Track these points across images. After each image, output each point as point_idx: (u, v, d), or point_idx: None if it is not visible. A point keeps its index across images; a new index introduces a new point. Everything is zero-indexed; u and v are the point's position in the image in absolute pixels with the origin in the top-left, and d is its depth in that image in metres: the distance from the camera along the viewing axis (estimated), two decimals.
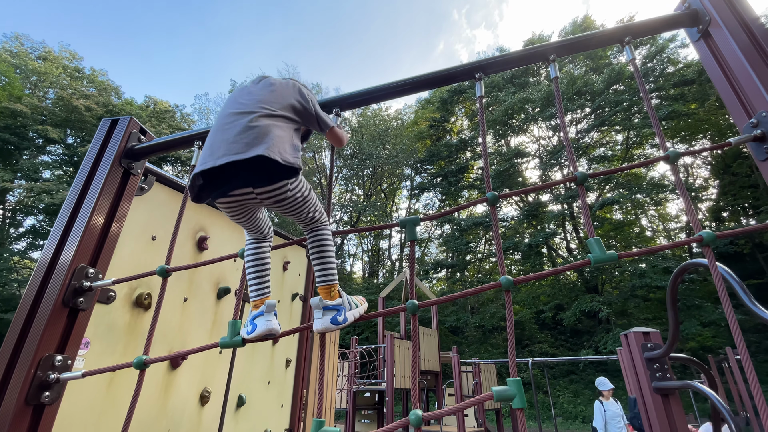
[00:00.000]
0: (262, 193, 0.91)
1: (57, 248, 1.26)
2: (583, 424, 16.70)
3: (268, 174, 0.88)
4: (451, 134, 31.27)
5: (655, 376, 1.83)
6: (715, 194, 23.03)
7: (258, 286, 1.04)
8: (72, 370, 1.17)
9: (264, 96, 1.02)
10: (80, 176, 1.36)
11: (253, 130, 0.90)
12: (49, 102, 23.96)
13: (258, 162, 0.84)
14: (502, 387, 0.90)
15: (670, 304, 1.66)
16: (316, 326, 0.95)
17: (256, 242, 1.09)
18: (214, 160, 0.85)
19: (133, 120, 1.45)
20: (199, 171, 0.87)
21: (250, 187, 0.89)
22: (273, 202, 0.94)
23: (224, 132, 0.92)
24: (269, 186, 0.89)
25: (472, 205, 1.13)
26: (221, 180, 0.89)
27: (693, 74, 20.08)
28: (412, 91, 1.33)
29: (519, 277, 0.99)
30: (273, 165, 0.86)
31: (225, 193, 0.89)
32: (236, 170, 0.86)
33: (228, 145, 0.87)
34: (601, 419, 5.74)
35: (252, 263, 1.07)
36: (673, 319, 1.66)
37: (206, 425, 1.89)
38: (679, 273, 1.54)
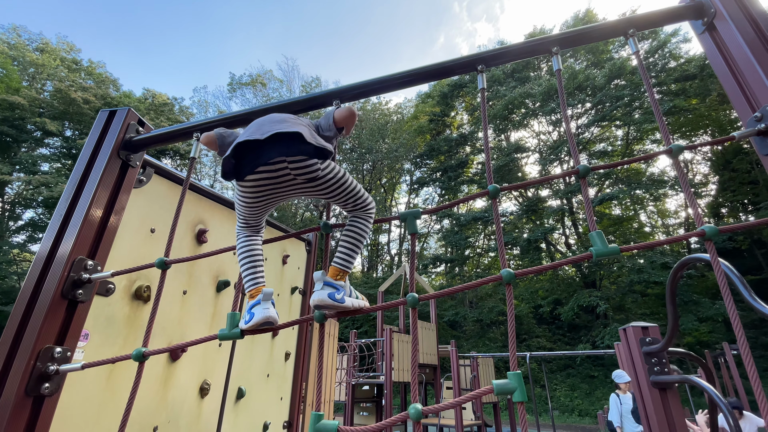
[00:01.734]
0: (296, 169, 0.96)
1: (55, 240, 1.25)
2: (579, 417, 16.88)
3: (302, 148, 0.95)
4: (451, 129, 31.17)
5: (654, 371, 1.84)
6: (715, 190, 23.06)
7: (252, 275, 1.05)
8: (71, 362, 1.17)
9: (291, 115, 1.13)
10: (78, 168, 1.35)
11: (290, 119, 1.03)
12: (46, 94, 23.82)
13: (295, 139, 0.93)
14: (503, 380, 0.90)
15: (670, 299, 1.66)
16: (313, 297, 0.95)
17: (249, 234, 1.10)
18: (261, 134, 0.93)
19: (131, 111, 1.43)
20: (243, 140, 0.93)
21: (284, 156, 0.94)
22: (306, 180, 0.98)
23: (265, 122, 1.01)
24: (302, 158, 0.96)
25: (474, 198, 1.12)
26: (257, 153, 0.95)
27: (695, 69, 19.99)
28: (412, 84, 1.31)
29: (520, 270, 0.98)
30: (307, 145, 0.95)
31: (262, 163, 0.94)
32: (273, 145, 0.94)
33: (272, 125, 0.97)
34: (617, 413, 5.58)
35: (244, 254, 1.07)
36: (672, 313, 1.66)
37: (206, 417, 1.90)
38: (680, 267, 1.54)
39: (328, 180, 1.01)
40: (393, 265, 30.47)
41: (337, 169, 1.04)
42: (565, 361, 20.19)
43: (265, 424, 2.45)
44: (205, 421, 1.88)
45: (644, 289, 20.21)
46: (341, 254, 1.05)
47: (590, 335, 19.70)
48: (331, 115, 1.15)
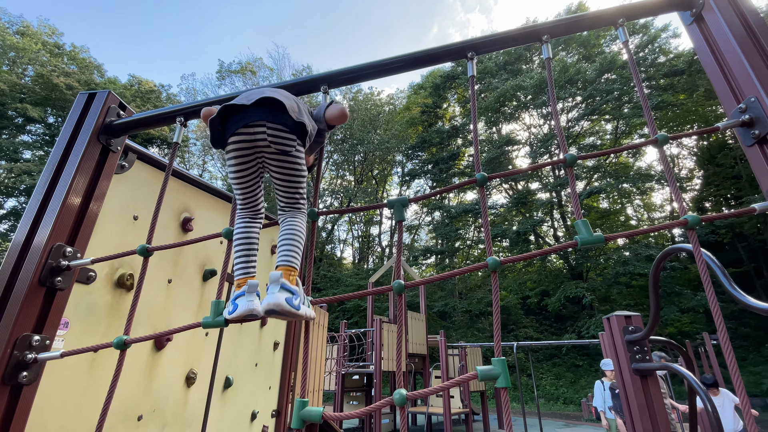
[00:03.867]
0: (273, 136, 0.97)
1: (32, 227, 1.21)
2: (564, 405, 17.30)
3: (284, 119, 0.98)
4: (443, 121, 31.10)
5: (635, 358, 1.88)
6: (699, 185, 23.52)
7: (244, 265, 1.02)
8: (51, 351, 1.14)
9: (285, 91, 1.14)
10: (56, 152, 1.31)
11: (283, 95, 1.03)
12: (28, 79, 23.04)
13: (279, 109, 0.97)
14: (487, 366, 0.91)
15: (652, 288, 1.69)
16: (268, 300, 0.86)
17: (248, 220, 1.08)
18: (246, 100, 0.96)
19: (112, 94, 1.38)
20: (230, 104, 0.97)
21: (264, 121, 0.96)
22: (277, 151, 0.99)
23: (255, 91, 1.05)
24: (281, 126, 0.97)
25: (462, 186, 1.12)
26: (242, 116, 0.97)
27: (683, 65, 20.21)
28: (402, 70, 1.29)
29: (506, 258, 0.99)
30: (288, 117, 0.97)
31: (243, 125, 0.95)
32: (258, 110, 0.97)
33: (261, 93, 1.00)
34: (600, 398, 5.90)
35: (241, 241, 1.05)
36: (655, 303, 1.69)
37: (192, 406, 1.89)
38: (663, 257, 1.56)
39: (295, 163, 1.02)
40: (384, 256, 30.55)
41: (303, 163, 1.06)
42: (551, 351, 20.61)
43: (253, 413, 2.45)
44: (191, 410, 1.87)
45: (629, 281, 20.65)
46: (286, 252, 1.00)
47: (576, 326, 20.10)
48: (323, 110, 1.17)
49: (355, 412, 0.93)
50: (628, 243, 21.06)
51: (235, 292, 1.00)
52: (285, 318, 0.92)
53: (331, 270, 26.92)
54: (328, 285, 24.43)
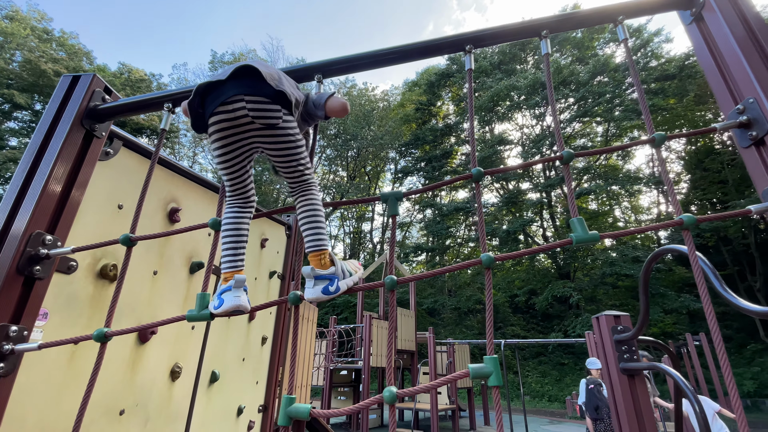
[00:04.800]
0: (255, 110, 0.89)
1: (10, 213, 1.16)
2: (549, 402, 17.56)
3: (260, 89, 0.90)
4: (437, 119, 31.12)
5: (623, 358, 1.89)
6: (686, 188, 23.93)
7: (232, 257, 0.98)
8: (29, 342, 1.10)
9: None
10: (36, 137, 1.25)
11: (263, 65, 0.95)
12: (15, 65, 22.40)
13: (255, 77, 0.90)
14: (479, 365, 0.89)
15: (642, 289, 1.70)
16: (307, 295, 0.91)
17: (237, 210, 1.02)
18: (220, 75, 0.89)
19: (97, 77, 1.33)
20: (205, 82, 0.89)
21: (241, 95, 0.88)
22: (263, 125, 0.91)
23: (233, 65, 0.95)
24: (261, 98, 0.89)
25: (457, 180, 1.10)
26: (218, 92, 0.89)
27: (675, 69, 20.48)
28: (399, 61, 1.27)
29: (500, 255, 0.97)
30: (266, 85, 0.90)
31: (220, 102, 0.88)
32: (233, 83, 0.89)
33: (238, 66, 0.92)
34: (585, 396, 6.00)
35: (229, 232, 1.00)
36: (644, 303, 1.69)
37: (177, 401, 1.85)
38: (653, 258, 1.56)
39: (287, 134, 0.94)
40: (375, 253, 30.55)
41: (297, 131, 0.98)
42: (537, 349, 20.87)
43: (239, 408, 2.42)
44: (176, 404, 1.83)
45: (615, 281, 20.98)
46: (310, 239, 0.97)
47: (562, 324, 20.38)
48: (325, 99, 1.10)
49: (344, 410, 0.90)
50: (615, 244, 21.38)
51: (221, 286, 0.96)
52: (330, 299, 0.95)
53: None
54: None
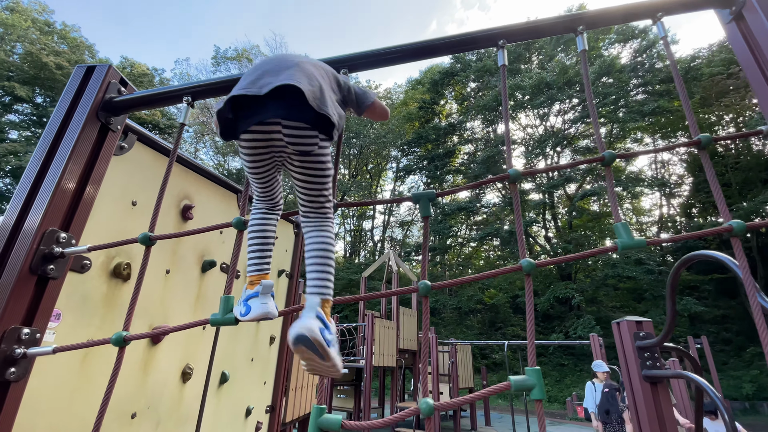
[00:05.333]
0: (290, 136, 0.82)
1: (22, 209, 1.11)
2: (549, 403, 17.54)
3: (304, 114, 0.81)
4: (440, 117, 31.02)
5: (646, 365, 1.84)
6: (688, 191, 23.86)
7: (258, 261, 0.93)
8: (41, 344, 1.05)
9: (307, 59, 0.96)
10: (50, 129, 1.20)
11: (302, 68, 0.86)
12: (16, 57, 22.32)
13: (298, 98, 0.79)
14: (521, 377, 0.85)
15: (670, 294, 1.65)
16: (302, 325, 0.74)
17: (265, 213, 0.97)
18: (258, 89, 0.79)
19: (113, 69, 1.28)
20: (237, 94, 0.80)
21: (279, 119, 0.80)
22: (297, 151, 0.84)
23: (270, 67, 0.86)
24: (300, 124, 0.81)
25: (494, 180, 1.05)
26: (253, 110, 0.81)
27: (680, 71, 20.37)
28: (429, 55, 1.21)
29: (542, 261, 0.92)
30: (308, 110, 0.80)
31: (255, 122, 0.81)
32: (271, 102, 0.80)
33: (276, 73, 0.82)
34: (591, 399, 5.95)
35: (256, 234, 0.95)
36: (671, 309, 1.65)
37: (187, 403, 1.80)
38: (684, 263, 1.51)
39: (318, 162, 0.87)
40: (375, 251, 30.52)
41: (329, 158, 0.91)
42: (538, 350, 20.78)
43: (248, 409, 2.37)
44: (186, 406, 1.79)
45: (617, 283, 20.94)
46: (319, 278, 0.86)
47: (563, 326, 20.34)
48: (371, 100, 1.06)
49: (378, 421, 0.86)
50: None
51: (247, 291, 0.91)
52: (311, 354, 0.75)
53: None
54: None
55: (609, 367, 7.65)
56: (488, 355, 21.15)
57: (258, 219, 0.96)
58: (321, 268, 0.87)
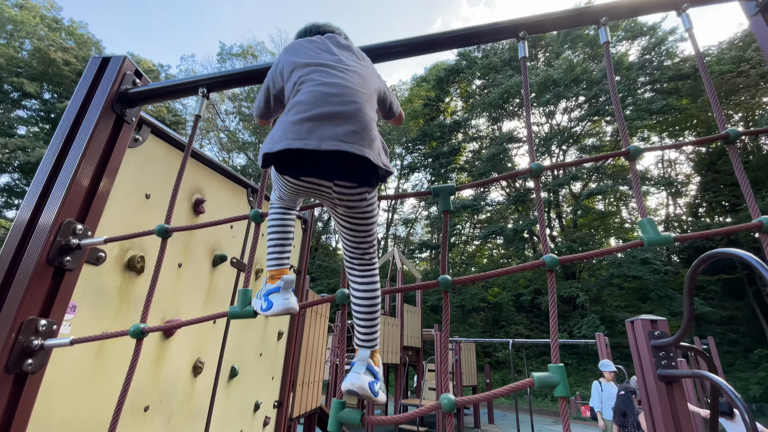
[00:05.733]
0: (341, 194, 0.80)
1: (39, 201, 1.11)
2: (552, 402, 17.50)
3: (359, 175, 0.78)
4: (444, 115, 30.89)
5: (661, 364, 1.82)
6: (695, 190, 23.63)
7: (278, 255, 0.92)
8: (58, 336, 1.05)
9: (360, 71, 0.91)
10: (66, 120, 1.19)
11: (364, 123, 0.79)
12: (25, 53, 22.45)
13: (358, 161, 0.75)
14: (544, 373, 0.83)
15: (687, 292, 1.62)
16: (352, 380, 0.81)
17: (286, 209, 0.95)
18: (317, 142, 0.72)
19: (128, 60, 1.27)
20: (295, 147, 0.73)
21: (333, 179, 0.77)
22: (344, 205, 0.82)
23: (331, 109, 0.78)
24: (353, 184, 0.79)
25: (516, 175, 1.03)
26: (309, 164, 0.76)
27: (689, 69, 20.13)
28: (447, 47, 1.19)
29: (565, 257, 0.90)
30: (370, 168, 0.78)
31: (306, 175, 0.77)
32: (332, 164, 0.75)
33: (335, 127, 0.75)
34: (598, 399, 5.92)
35: (276, 228, 0.93)
36: (689, 307, 1.62)
37: (198, 397, 1.81)
38: (702, 261, 1.48)
39: (365, 211, 0.84)
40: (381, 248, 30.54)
41: (376, 205, 0.88)
42: (540, 348, 20.80)
43: (256, 404, 2.38)
44: (197, 400, 1.79)
45: (621, 283, 20.80)
46: (369, 332, 0.88)
47: (567, 325, 20.26)
48: (399, 110, 1.09)
49: (398, 417, 0.85)
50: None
51: (267, 285, 0.90)
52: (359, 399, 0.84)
53: (327, 260, 26.86)
54: (323, 275, 24.40)
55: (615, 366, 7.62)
56: (491, 353, 21.12)
57: (278, 214, 0.95)
58: (370, 322, 0.89)
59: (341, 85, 0.83)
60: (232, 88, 1.50)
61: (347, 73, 0.87)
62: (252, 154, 30.39)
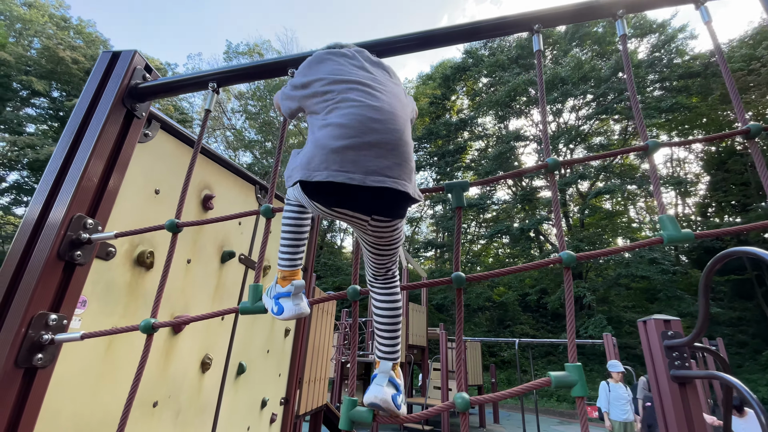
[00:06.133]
0: (376, 227, 0.78)
1: (50, 195, 1.11)
2: (558, 402, 17.40)
3: (397, 210, 0.76)
4: (450, 113, 30.76)
5: (674, 365, 1.79)
6: (704, 190, 23.30)
7: (293, 253, 0.90)
8: (68, 331, 1.04)
9: (396, 91, 0.87)
10: (76, 114, 1.19)
11: (405, 153, 0.76)
12: (33, 52, 22.71)
13: (399, 196, 0.73)
14: (561, 373, 0.81)
15: (703, 292, 1.59)
16: (375, 393, 0.80)
17: (302, 207, 0.91)
18: (362, 177, 0.68)
19: (138, 54, 1.26)
20: (339, 181, 0.69)
21: (370, 216, 0.74)
22: (375, 235, 0.80)
23: (374, 138, 0.73)
24: (389, 218, 0.77)
25: (532, 170, 1.01)
26: (347, 197, 0.72)
27: (699, 67, 19.84)
28: (464, 39, 1.17)
29: (582, 254, 0.88)
30: (408, 202, 0.76)
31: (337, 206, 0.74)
32: (373, 199, 0.72)
33: (379, 159, 0.71)
34: (605, 399, 5.89)
35: (291, 227, 0.90)
36: (704, 307, 1.59)
37: (206, 393, 1.81)
38: (718, 260, 1.45)
39: (394, 239, 0.83)
40: None
41: (403, 228, 0.86)
42: (546, 348, 20.68)
43: (263, 400, 2.38)
44: (205, 396, 1.79)
45: (629, 283, 20.59)
46: (390, 344, 0.88)
47: None
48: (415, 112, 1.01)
49: (415, 415, 0.84)
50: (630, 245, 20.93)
51: (278, 287, 0.89)
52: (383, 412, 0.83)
53: (332, 258, 26.93)
54: (328, 273, 24.44)
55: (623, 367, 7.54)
56: (496, 353, 21.04)
57: (294, 212, 0.91)
58: (392, 334, 0.89)
59: (384, 110, 0.77)
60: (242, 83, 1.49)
61: (386, 95, 0.82)
62: (258, 152, 30.51)
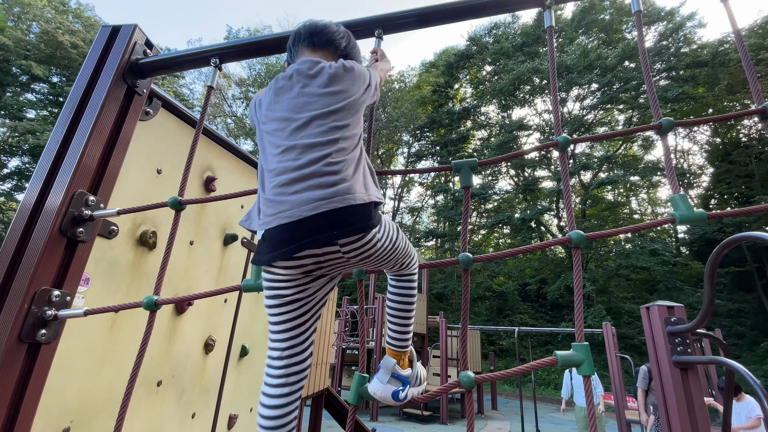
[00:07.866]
0: (351, 251, 0.71)
1: (51, 170, 1.09)
2: (555, 390, 17.62)
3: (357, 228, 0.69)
4: (453, 101, 30.44)
5: (677, 350, 1.79)
6: (707, 181, 23.17)
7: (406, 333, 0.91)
8: (71, 308, 1.04)
9: (329, 103, 0.79)
10: (76, 91, 1.17)
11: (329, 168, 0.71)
12: (32, 36, 22.44)
13: (350, 214, 0.69)
14: (568, 352, 0.81)
15: (708, 278, 1.58)
16: (373, 388, 0.82)
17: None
18: (296, 209, 0.67)
19: (138, 29, 1.23)
20: (271, 227, 0.68)
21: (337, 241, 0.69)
22: (361, 259, 0.75)
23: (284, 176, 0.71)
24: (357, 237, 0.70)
25: (542, 148, 0.99)
26: (288, 237, 0.68)
27: (707, 56, 19.52)
28: (471, 16, 1.12)
29: (592, 233, 0.87)
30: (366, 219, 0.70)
31: (300, 251, 0.68)
32: (318, 228, 0.68)
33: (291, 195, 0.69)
34: (568, 386, 6.24)
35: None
36: (710, 294, 1.57)
37: (209, 374, 1.82)
38: (726, 246, 1.43)
39: (385, 248, 0.77)
40: None
41: (389, 228, 0.79)
42: (545, 338, 20.84)
43: None
44: (208, 377, 1.80)
45: (629, 274, 20.64)
46: (399, 333, 0.87)
47: (572, 315, 20.24)
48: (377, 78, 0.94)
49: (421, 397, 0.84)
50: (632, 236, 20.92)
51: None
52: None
53: None
54: None
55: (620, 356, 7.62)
56: (495, 341, 21.22)
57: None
58: (403, 322, 0.87)
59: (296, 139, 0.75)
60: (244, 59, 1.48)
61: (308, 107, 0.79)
62: None
